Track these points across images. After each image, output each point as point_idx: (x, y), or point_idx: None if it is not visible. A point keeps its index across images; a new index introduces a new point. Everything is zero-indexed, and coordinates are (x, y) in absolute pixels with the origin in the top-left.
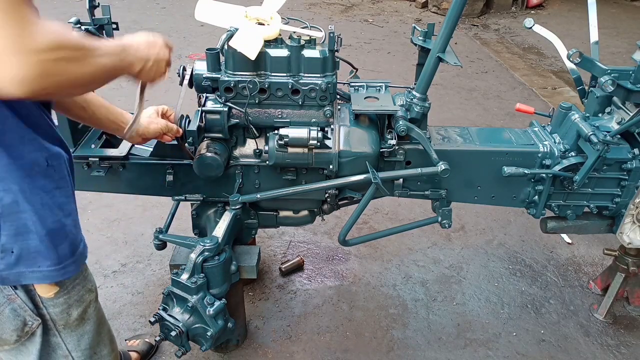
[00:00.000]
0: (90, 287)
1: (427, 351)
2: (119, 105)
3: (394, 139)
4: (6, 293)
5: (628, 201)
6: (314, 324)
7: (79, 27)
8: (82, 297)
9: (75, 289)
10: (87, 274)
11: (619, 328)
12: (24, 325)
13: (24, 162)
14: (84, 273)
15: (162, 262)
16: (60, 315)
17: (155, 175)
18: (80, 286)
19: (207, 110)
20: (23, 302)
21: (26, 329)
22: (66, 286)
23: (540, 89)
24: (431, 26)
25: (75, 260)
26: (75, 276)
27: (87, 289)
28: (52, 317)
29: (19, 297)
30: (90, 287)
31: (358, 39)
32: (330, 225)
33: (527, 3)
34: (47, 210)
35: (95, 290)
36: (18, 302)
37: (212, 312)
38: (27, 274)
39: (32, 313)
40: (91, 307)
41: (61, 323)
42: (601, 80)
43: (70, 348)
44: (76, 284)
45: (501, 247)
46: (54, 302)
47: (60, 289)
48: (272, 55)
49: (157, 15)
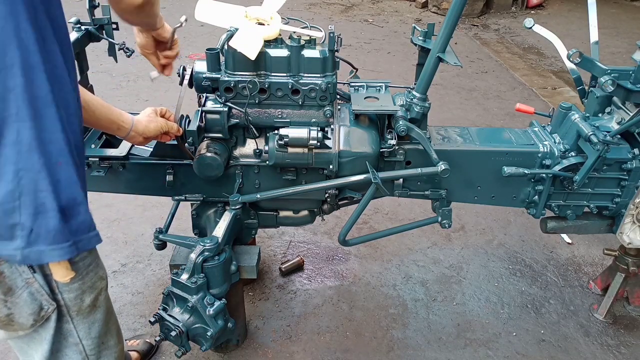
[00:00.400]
0: (102, 275)
1: (427, 351)
2: (119, 105)
3: (394, 139)
4: (25, 277)
5: (628, 201)
6: (314, 324)
7: (79, 27)
8: (95, 283)
9: (88, 275)
10: (99, 261)
11: (619, 328)
12: (40, 309)
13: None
14: (97, 260)
15: (162, 262)
16: (74, 301)
17: (155, 175)
18: (93, 273)
19: (207, 110)
20: (40, 286)
21: (42, 313)
22: (81, 272)
23: (540, 89)
24: (431, 26)
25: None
26: (89, 262)
27: (99, 276)
28: (66, 302)
29: (36, 281)
30: (102, 275)
31: (358, 39)
32: (330, 225)
33: (527, 3)
34: (63, 187)
35: (106, 279)
36: (35, 286)
37: (212, 312)
38: (47, 252)
39: (48, 297)
40: (102, 295)
41: (74, 309)
42: (601, 80)
43: (81, 336)
44: (89, 270)
45: (501, 247)
46: (69, 287)
47: (76, 274)
48: (272, 55)
49: None
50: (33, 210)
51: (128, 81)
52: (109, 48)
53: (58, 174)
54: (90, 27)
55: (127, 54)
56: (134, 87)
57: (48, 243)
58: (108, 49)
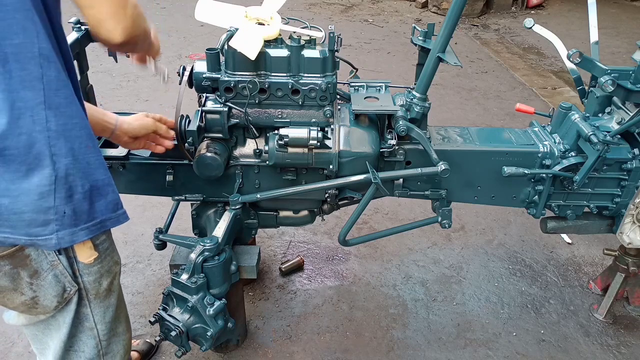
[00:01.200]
0: (117, 260)
1: (427, 351)
2: (119, 105)
3: (394, 139)
4: (50, 259)
5: (628, 201)
6: (314, 324)
7: (79, 27)
8: (111, 268)
9: (106, 259)
10: (114, 246)
11: (619, 328)
12: (64, 291)
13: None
14: (112, 245)
15: (162, 262)
16: (93, 284)
17: (155, 175)
18: (110, 257)
19: (207, 110)
20: (64, 268)
21: (65, 294)
22: (100, 255)
23: (540, 89)
24: (431, 26)
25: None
26: (107, 246)
27: (115, 260)
28: (85, 285)
29: (61, 263)
30: (117, 260)
31: (358, 39)
32: (330, 225)
33: (527, 3)
34: (93, 169)
35: (120, 263)
36: (60, 269)
37: (212, 312)
38: (78, 233)
39: (71, 279)
40: (117, 280)
41: (93, 292)
42: (601, 80)
43: (97, 320)
44: (107, 254)
45: (501, 247)
46: (89, 270)
47: (98, 256)
48: (272, 55)
49: (157, 15)
50: (65, 193)
51: (128, 81)
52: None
53: (88, 157)
54: None
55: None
56: (134, 87)
57: (80, 224)
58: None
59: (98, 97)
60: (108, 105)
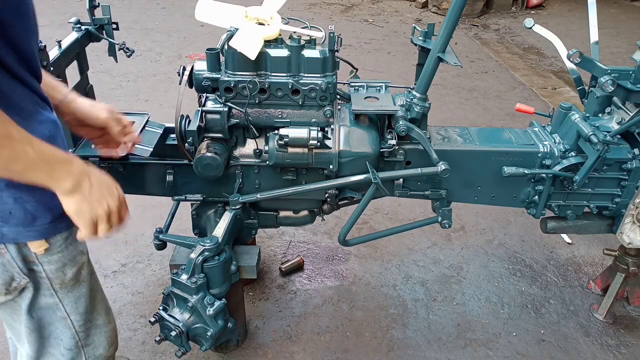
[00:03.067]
0: (82, 249)
1: (427, 351)
2: (119, 104)
3: (394, 139)
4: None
5: (628, 201)
6: (314, 324)
7: (79, 27)
8: (75, 257)
9: (68, 248)
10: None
11: (619, 328)
12: (12, 280)
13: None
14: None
15: (162, 262)
16: (56, 273)
17: (155, 175)
18: (73, 247)
19: (207, 110)
20: (12, 258)
21: (14, 284)
22: (59, 244)
23: (540, 89)
24: (431, 26)
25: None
26: (67, 235)
27: (79, 250)
28: (48, 274)
29: (8, 252)
30: (82, 249)
31: (358, 39)
32: (330, 225)
33: (527, 3)
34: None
35: (87, 253)
36: (7, 257)
37: (212, 312)
38: (24, 233)
39: (20, 271)
40: (84, 269)
41: (57, 282)
42: (601, 80)
43: (68, 310)
44: (69, 244)
45: (501, 247)
46: (49, 259)
47: (51, 246)
48: (272, 55)
49: (157, 15)
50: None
51: (128, 81)
52: (109, 48)
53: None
54: (90, 27)
55: (127, 54)
56: (134, 87)
57: (25, 225)
58: (108, 49)
59: (98, 97)
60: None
